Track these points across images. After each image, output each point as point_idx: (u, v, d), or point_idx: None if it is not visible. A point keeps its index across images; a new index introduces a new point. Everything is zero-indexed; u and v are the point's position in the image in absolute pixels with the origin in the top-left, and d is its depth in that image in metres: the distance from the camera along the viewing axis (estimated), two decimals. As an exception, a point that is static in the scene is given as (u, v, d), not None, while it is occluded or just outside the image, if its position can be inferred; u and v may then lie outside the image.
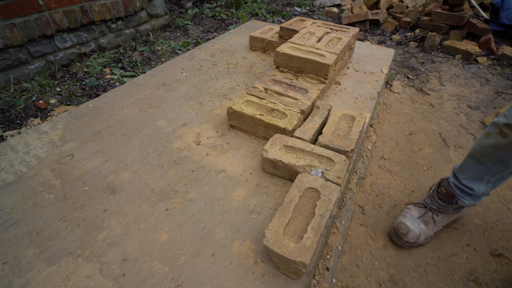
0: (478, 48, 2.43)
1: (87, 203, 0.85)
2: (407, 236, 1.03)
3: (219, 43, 1.84)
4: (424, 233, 1.04)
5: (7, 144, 1.04)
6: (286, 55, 1.30)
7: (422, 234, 1.04)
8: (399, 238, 1.05)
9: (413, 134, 1.60)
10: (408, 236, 1.03)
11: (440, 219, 1.05)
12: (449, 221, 1.08)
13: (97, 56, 2.09)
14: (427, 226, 1.05)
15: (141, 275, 0.69)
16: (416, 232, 1.03)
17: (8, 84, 1.70)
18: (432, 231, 1.06)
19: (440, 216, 1.05)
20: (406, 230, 1.03)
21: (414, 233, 1.03)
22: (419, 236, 1.03)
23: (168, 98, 1.31)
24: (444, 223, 1.07)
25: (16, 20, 1.63)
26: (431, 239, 1.08)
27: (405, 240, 1.03)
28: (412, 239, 1.03)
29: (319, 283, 0.86)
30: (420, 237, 1.03)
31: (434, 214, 1.05)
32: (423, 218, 1.06)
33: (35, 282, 0.67)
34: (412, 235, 1.03)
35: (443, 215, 1.05)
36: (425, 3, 3.00)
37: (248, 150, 1.06)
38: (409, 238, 1.03)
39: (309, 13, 3.40)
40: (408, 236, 1.03)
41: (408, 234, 1.03)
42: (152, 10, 2.45)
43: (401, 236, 1.04)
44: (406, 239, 1.03)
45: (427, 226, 1.05)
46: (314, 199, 0.78)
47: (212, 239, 0.78)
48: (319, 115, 1.11)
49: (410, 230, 1.03)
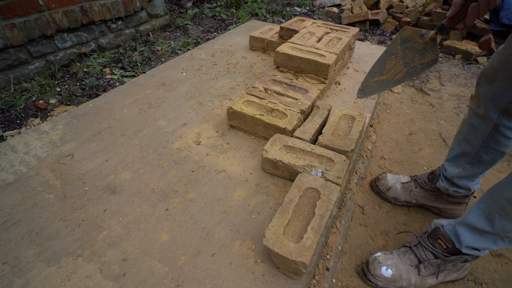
0: (478, 48, 2.43)
1: (87, 203, 0.85)
2: (379, 181, 1.19)
3: (219, 43, 1.84)
4: (396, 191, 1.15)
5: (7, 144, 1.04)
6: (286, 55, 1.30)
7: (393, 190, 1.16)
8: (374, 181, 1.23)
9: (413, 134, 1.60)
10: (380, 182, 1.19)
11: (416, 192, 1.13)
12: (422, 201, 1.14)
13: (97, 56, 2.09)
14: (402, 189, 1.15)
15: (141, 275, 0.69)
16: (388, 184, 1.17)
17: (8, 84, 1.70)
18: (404, 197, 1.15)
19: (417, 189, 1.13)
20: (382, 177, 1.19)
21: (386, 183, 1.18)
22: (388, 188, 1.17)
23: (168, 98, 1.31)
24: (418, 198, 1.13)
25: (16, 20, 1.63)
26: (401, 205, 1.17)
27: (376, 183, 1.20)
28: (382, 187, 1.18)
29: (319, 283, 0.86)
30: (389, 190, 1.16)
31: (414, 185, 1.14)
32: (404, 184, 1.16)
33: (35, 282, 0.67)
34: (383, 183, 1.18)
35: (420, 189, 1.13)
36: (425, 3, 3.00)
37: (248, 150, 1.06)
38: (379, 184, 1.19)
39: (309, 13, 3.40)
40: (380, 182, 1.19)
41: (381, 180, 1.19)
42: (152, 10, 2.45)
43: (376, 180, 1.22)
44: (378, 183, 1.20)
45: (402, 190, 1.15)
46: (314, 199, 0.78)
47: (212, 239, 0.78)
48: (319, 115, 1.11)
49: (385, 179, 1.18)
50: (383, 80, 0.84)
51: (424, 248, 0.90)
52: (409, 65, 0.81)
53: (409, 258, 0.91)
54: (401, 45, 0.83)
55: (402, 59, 0.83)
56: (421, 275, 0.88)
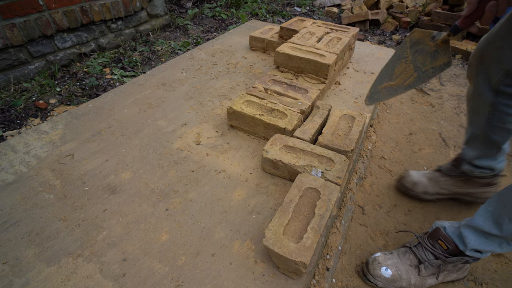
0: (478, 48, 2.43)
1: (87, 203, 0.85)
2: (404, 179, 1.17)
3: (219, 43, 1.84)
4: (423, 185, 1.14)
5: (7, 144, 1.04)
6: (286, 55, 1.30)
7: (421, 184, 1.14)
8: (399, 180, 1.20)
9: (413, 134, 1.60)
10: (405, 180, 1.17)
11: (444, 181, 1.12)
12: (453, 190, 1.12)
13: (97, 56, 2.09)
14: (430, 182, 1.13)
15: (141, 275, 0.69)
16: (413, 179, 1.15)
17: (8, 84, 1.70)
18: (433, 189, 1.13)
19: (445, 178, 1.12)
20: (406, 174, 1.17)
21: (411, 179, 1.15)
22: (415, 183, 1.14)
23: (168, 98, 1.31)
24: (447, 187, 1.12)
25: (16, 20, 1.63)
26: (433, 200, 1.16)
27: (402, 182, 1.18)
28: (408, 184, 1.16)
29: (319, 283, 0.86)
30: (417, 185, 1.14)
31: (440, 175, 1.13)
32: (429, 175, 1.15)
33: (35, 282, 0.67)
34: (408, 180, 1.16)
35: (448, 177, 1.12)
36: (425, 3, 3.00)
37: (248, 150, 1.06)
38: (405, 181, 1.17)
39: (309, 13, 3.40)
40: (405, 180, 1.17)
41: (406, 177, 1.17)
42: (152, 10, 2.45)
43: (400, 179, 1.20)
44: (403, 181, 1.17)
45: (429, 182, 1.13)
46: (314, 199, 0.78)
47: (212, 239, 0.78)
48: (319, 115, 1.11)
49: (409, 175, 1.16)
50: (393, 86, 0.80)
51: (424, 248, 0.90)
52: (420, 69, 0.77)
53: (409, 258, 0.90)
54: (410, 48, 0.79)
55: (412, 63, 0.78)
56: (421, 275, 0.88)
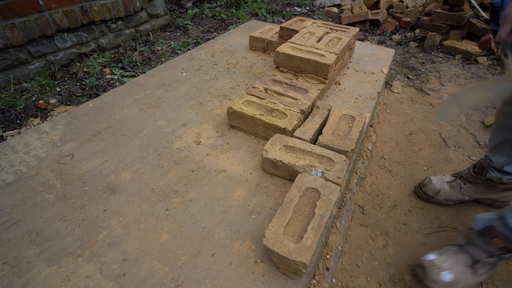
0: (478, 48, 2.43)
1: (87, 203, 0.85)
2: (426, 187, 1.14)
3: (219, 43, 1.84)
4: (445, 192, 1.11)
5: (7, 144, 1.04)
6: (286, 55, 1.30)
7: (443, 192, 1.11)
8: (419, 188, 1.18)
9: (413, 134, 1.60)
10: (427, 188, 1.14)
11: (466, 188, 1.11)
12: (476, 196, 1.11)
13: (97, 56, 2.09)
14: (451, 189, 1.12)
15: (141, 275, 0.69)
16: (436, 188, 1.12)
17: (8, 84, 1.70)
18: (455, 196, 1.11)
19: (467, 185, 1.10)
20: (428, 182, 1.15)
21: (434, 187, 1.13)
22: (438, 191, 1.12)
23: (168, 98, 1.31)
24: (470, 193, 1.11)
25: (16, 20, 1.63)
26: (453, 205, 1.14)
27: (423, 190, 1.15)
28: (430, 192, 1.13)
29: (319, 283, 0.86)
30: (439, 193, 1.11)
31: (462, 182, 1.11)
32: (451, 183, 1.13)
33: (35, 282, 0.67)
34: (430, 188, 1.13)
35: (470, 185, 1.10)
36: (425, 3, 3.00)
37: (248, 150, 1.06)
38: (427, 189, 1.14)
39: (309, 13, 3.40)
40: (427, 188, 1.14)
41: (428, 185, 1.14)
42: (152, 10, 2.45)
43: (421, 187, 1.17)
44: (425, 189, 1.15)
45: (451, 189, 1.12)
46: (314, 199, 0.78)
47: (212, 239, 0.78)
48: (319, 115, 1.11)
49: (431, 183, 1.13)
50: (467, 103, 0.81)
51: (477, 246, 0.86)
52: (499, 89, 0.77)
53: (462, 258, 0.88)
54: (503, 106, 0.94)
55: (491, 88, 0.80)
56: (476, 274, 0.86)
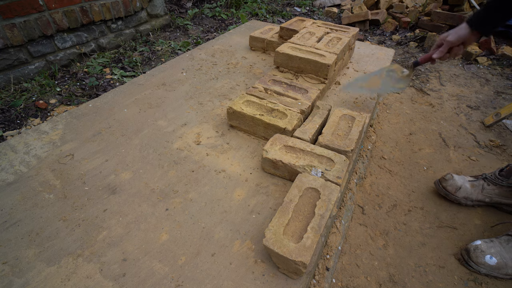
0: (478, 48, 2.43)
1: (87, 203, 0.85)
2: (446, 182, 1.14)
3: (219, 43, 1.84)
4: (466, 190, 1.11)
5: (7, 144, 1.04)
6: (286, 55, 1.30)
7: (463, 190, 1.10)
8: (439, 183, 1.17)
9: (413, 134, 1.60)
10: (447, 183, 1.14)
11: (489, 190, 1.10)
12: (497, 199, 1.10)
13: (97, 56, 2.09)
14: (473, 188, 1.11)
15: (141, 275, 0.69)
16: (457, 184, 1.11)
17: (8, 84, 1.70)
18: (476, 196, 1.10)
19: (491, 187, 1.10)
20: (449, 177, 1.14)
21: (455, 183, 1.12)
22: (458, 188, 1.11)
23: (168, 98, 1.31)
24: (492, 196, 1.10)
25: (16, 20, 1.63)
26: (470, 205, 1.13)
27: (443, 185, 1.15)
28: (450, 187, 1.13)
29: (319, 283, 0.86)
30: (459, 190, 1.10)
31: (486, 183, 1.11)
32: (473, 182, 1.12)
33: (35, 282, 0.67)
34: (451, 184, 1.12)
35: (494, 187, 1.09)
36: (425, 3, 3.00)
37: (248, 150, 1.06)
38: (447, 185, 1.14)
39: (309, 13, 3.40)
40: (447, 183, 1.14)
41: (449, 181, 1.14)
42: (152, 10, 2.45)
43: (441, 181, 1.16)
44: (445, 184, 1.14)
45: (473, 188, 1.11)
46: (314, 199, 0.78)
47: (212, 239, 0.78)
48: (319, 115, 1.11)
49: (452, 179, 1.12)
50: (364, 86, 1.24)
51: None
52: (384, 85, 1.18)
53: None
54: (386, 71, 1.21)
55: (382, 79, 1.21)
56: None
